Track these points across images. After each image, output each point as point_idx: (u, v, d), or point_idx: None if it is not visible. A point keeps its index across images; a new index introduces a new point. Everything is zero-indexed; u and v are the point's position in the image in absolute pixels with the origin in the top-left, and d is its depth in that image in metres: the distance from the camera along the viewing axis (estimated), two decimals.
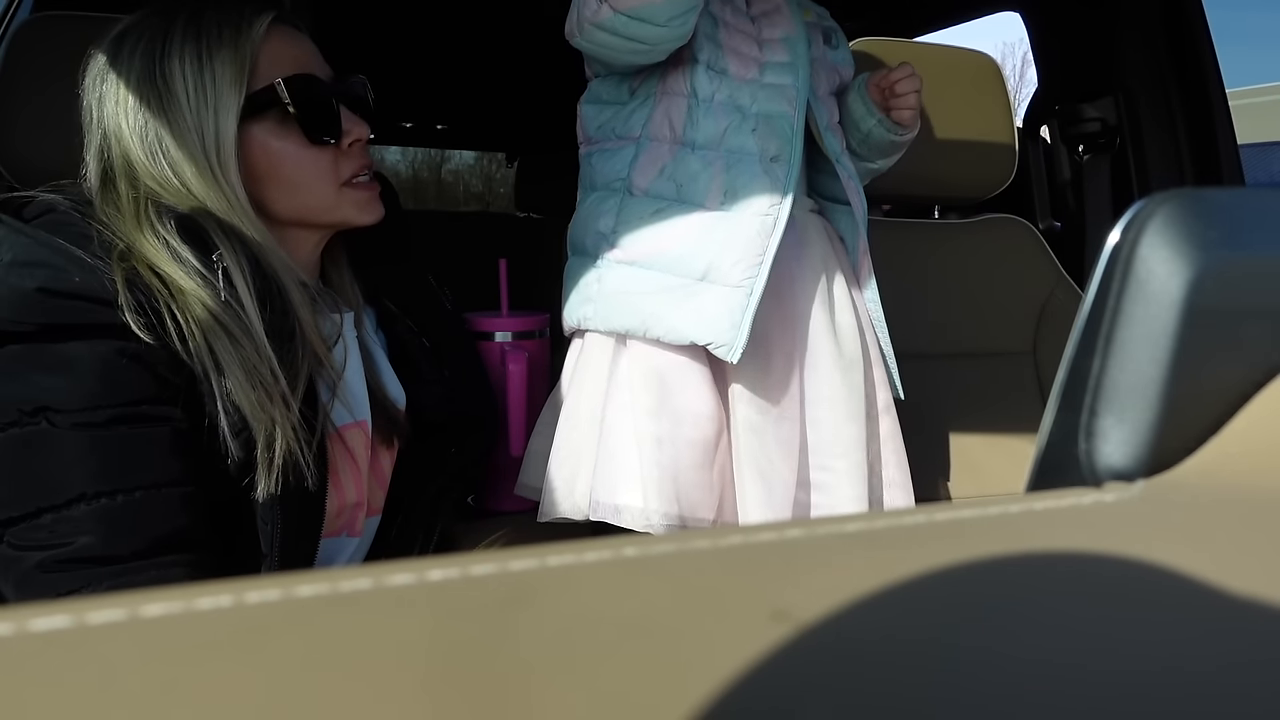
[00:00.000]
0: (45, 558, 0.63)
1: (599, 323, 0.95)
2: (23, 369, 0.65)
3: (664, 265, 0.93)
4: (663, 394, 0.92)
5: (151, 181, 0.75)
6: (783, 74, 0.98)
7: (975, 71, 1.49)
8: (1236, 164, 1.50)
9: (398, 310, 0.95)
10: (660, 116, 0.95)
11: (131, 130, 0.75)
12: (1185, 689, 0.16)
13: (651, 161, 0.95)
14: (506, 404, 1.08)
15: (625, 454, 0.92)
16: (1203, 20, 1.49)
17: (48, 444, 0.64)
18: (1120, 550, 0.20)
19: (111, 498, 0.65)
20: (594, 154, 1.01)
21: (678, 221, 0.93)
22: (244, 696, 0.14)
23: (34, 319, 0.65)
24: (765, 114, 0.96)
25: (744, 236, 0.92)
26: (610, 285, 0.95)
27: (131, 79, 0.76)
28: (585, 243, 0.99)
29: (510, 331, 1.11)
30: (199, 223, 0.74)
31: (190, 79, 0.76)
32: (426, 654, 0.15)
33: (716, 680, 0.15)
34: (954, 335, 1.42)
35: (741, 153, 0.94)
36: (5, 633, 0.14)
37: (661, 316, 0.92)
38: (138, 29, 0.77)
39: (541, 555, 0.18)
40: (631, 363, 0.95)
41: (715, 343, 0.90)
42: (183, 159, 0.75)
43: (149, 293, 0.69)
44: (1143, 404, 0.24)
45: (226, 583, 0.16)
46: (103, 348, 0.66)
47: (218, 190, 0.76)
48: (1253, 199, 0.27)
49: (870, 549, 0.20)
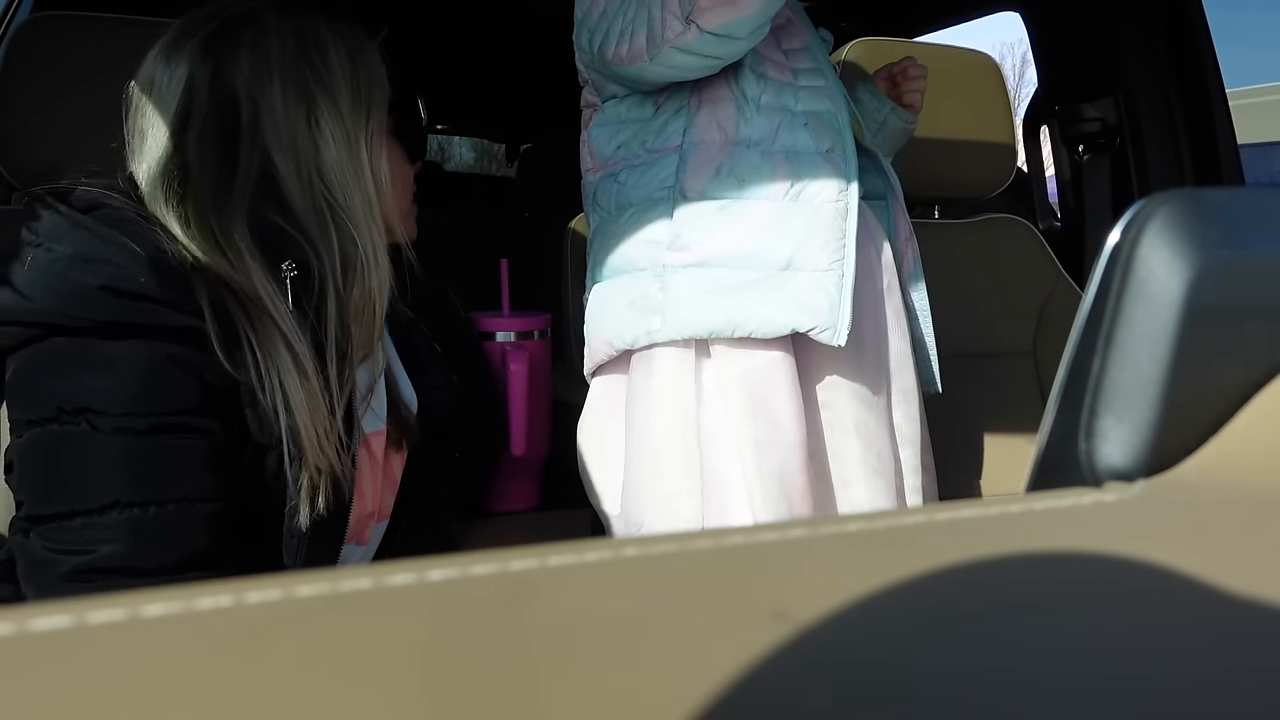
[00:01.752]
0: (74, 566, 0.62)
1: (671, 331, 0.90)
2: (70, 365, 0.64)
3: (740, 261, 0.89)
4: (757, 396, 0.89)
5: (275, 183, 0.73)
6: (814, 77, 0.99)
7: (975, 71, 1.49)
8: (1236, 164, 1.50)
9: (412, 314, 0.95)
10: (706, 121, 0.93)
11: (282, 133, 0.73)
12: (1185, 689, 0.16)
13: (704, 163, 0.92)
14: (508, 404, 1.08)
15: (729, 470, 0.88)
16: (1203, 20, 1.49)
17: (86, 446, 0.63)
18: (1120, 550, 0.20)
19: (144, 508, 0.64)
20: (622, 173, 0.97)
21: (748, 215, 0.90)
22: (244, 696, 0.14)
23: (91, 315, 0.64)
24: (812, 111, 0.96)
25: (823, 221, 0.90)
26: (680, 290, 0.90)
27: (289, 76, 0.74)
28: (632, 257, 0.94)
29: (513, 331, 1.11)
30: (282, 229, 0.73)
31: (346, 85, 0.75)
32: (426, 654, 0.15)
33: (716, 680, 0.15)
34: (954, 335, 1.42)
35: (796, 147, 0.94)
36: (5, 633, 0.14)
37: (752, 311, 0.88)
38: (265, 25, 0.75)
39: (541, 555, 0.18)
40: (718, 369, 0.90)
41: (818, 327, 0.87)
42: (332, 164, 0.74)
43: (213, 299, 0.68)
44: (1143, 404, 0.24)
45: (226, 583, 0.16)
46: (154, 352, 0.66)
47: (358, 197, 0.75)
48: (1253, 199, 0.27)
49: (870, 549, 0.20)
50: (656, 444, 0.91)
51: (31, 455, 0.64)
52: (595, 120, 1.01)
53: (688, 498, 0.89)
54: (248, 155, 0.73)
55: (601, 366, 0.98)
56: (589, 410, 1.00)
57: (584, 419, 1.01)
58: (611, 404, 0.98)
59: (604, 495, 0.98)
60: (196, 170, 0.72)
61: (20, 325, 0.64)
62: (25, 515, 0.65)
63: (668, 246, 0.91)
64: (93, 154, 1.01)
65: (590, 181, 1.02)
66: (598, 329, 0.96)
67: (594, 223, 1.02)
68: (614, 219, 0.98)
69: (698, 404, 0.90)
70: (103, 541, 0.63)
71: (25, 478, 0.65)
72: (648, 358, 0.93)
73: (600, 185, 1.00)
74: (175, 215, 0.71)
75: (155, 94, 0.74)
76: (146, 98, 0.74)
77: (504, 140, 3.77)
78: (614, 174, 0.98)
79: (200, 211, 0.71)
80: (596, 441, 0.99)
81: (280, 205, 0.74)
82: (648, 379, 0.93)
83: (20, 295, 0.64)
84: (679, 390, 0.91)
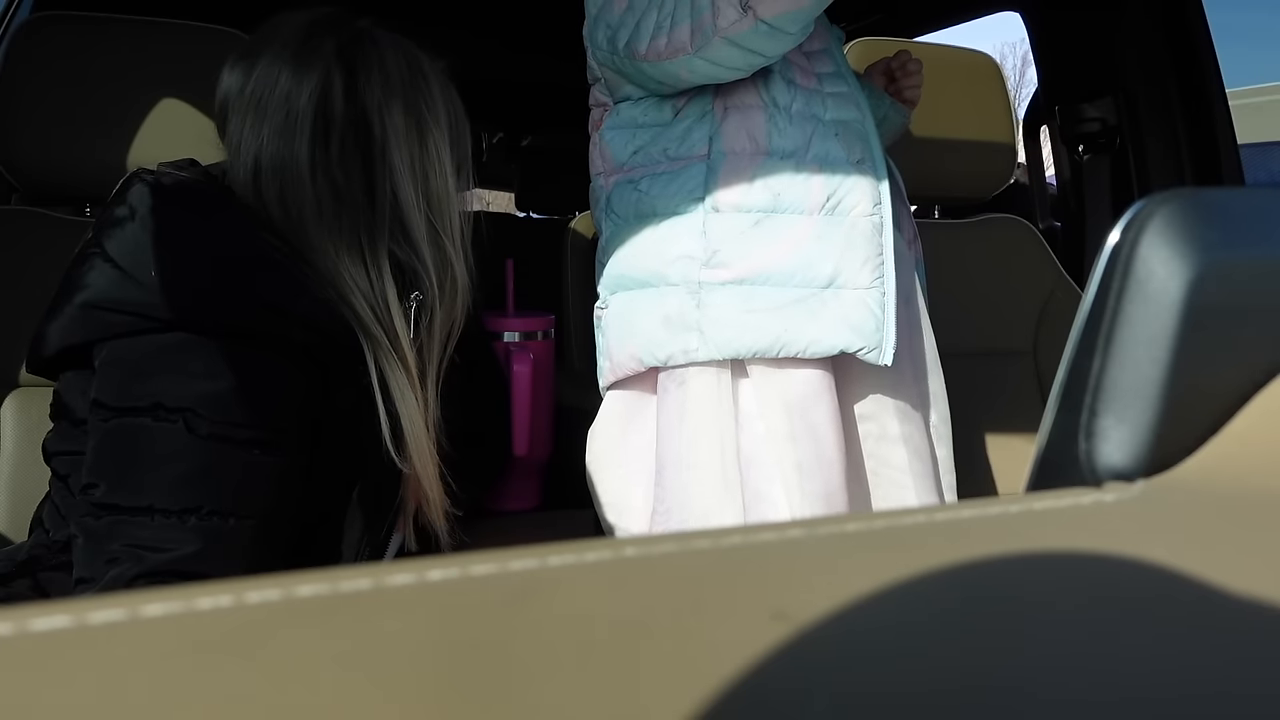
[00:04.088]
0: (141, 571, 0.61)
1: (712, 351, 0.87)
2: (183, 361, 0.63)
3: (781, 278, 0.87)
4: (798, 417, 0.87)
5: (397, 205, 0.73)
6: (838, 83, 0.98)
7: (975, 71, 1.49)
8: (1236, 164, 1.50)
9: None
10: (734, 130, 0.91)
11: (405, 156, 0.73)
12: (1185, 689, 0.16)
13: (736, 175, 0.89)
14: (511, 404, 1.08)
15: (773, 492, 0.86)
16: (1203, 20, 1.49)
17: (178, 446, 0.63)
18: (1120, 550, 0.20)
19: (225, 519, 0.63)
20: (643, 180, 0.94)
21: (784, 231, 0.88)
22: (244, 696, 0.14)
23: (221, 316, 0.63)
24: (841, 120, 0.95)
25: (862, 237, 0.89)
26: (719, 309, 0.87)
27: (408, 100, 0.74)
28: (660, 271, 0.91)
29: (518, 332, 1.11)
30: (408, 258, 0.73)
31: (444, 113, 0.76)
32: (426, 654, 0.15)
33: (716, 680, 0.15)
34: (954, 335, 1.42)
35: (829, 158, 0.92)
36: (5, 633, 0.14)
37: (799, 331, 0.86)
38: (384, 44, 0.75)
39: (541, 555, 0.18)
40: (756, 388, 0.88)
41: (866, 347, 0.87)
42: (438, 191, 0.75)
43: (332, 318, 0.68)
44: (1143, 404, 0.24)
45: (226, 583, 0.16)
46: (270, 364, 0.65)
47: (456, 223, 0.76)
48: (1253, 199, 0.27)
49: (870, 549, 0.20)
50: (695, 465, 0.89)
51: (118, 443, 0.63)
52: (609, 122, 0.98)
53: (731, 519, 0.88)
54: (381, 178, 0.73)
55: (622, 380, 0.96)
56: (603, 422, 0.98)
57: (597, 431, 0.98)
58: (630, 418, 0.96)
59: (618, 510, 0.96)
60: (344, 190, 0.71)
61: (142, 317, 0.63)
62: (99, 501, 0.63)
63: (703, 263, 0.89)
64: (92, 153, 1.02)
65: (602, 185, 0.99)
66: (623, 343, 0.93)
67: (607, 229, 0.98)
68: (633, 227, 0.94)
69: (735, 424, 0.89)
70: (178, 543, 0.62)
71: (105, 463, 0.63)
72: (680, 376, 0.90)
73: (616, 191, 0.96)
74: (328, 238, 0.70)
75: (288, 101, 0.71)
76: (272, 103, 0.71)
77: (504, 140, 3.78)
78: (633, 181, 0.95)
79: (354, 235, 0.71)
80: (611, 456, 0.96)
81: (403, 231, 0.74)
82: (681, 399, 0.90)
83: (140, 285, 0.63)
84: (717, 411, 0.89)
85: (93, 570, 0.63)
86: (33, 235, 1.00)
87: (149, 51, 1.03)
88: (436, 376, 0.76)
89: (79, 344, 0.66)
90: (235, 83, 0.73)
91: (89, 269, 0.65)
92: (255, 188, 0.72)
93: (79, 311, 0.65)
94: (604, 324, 0.97)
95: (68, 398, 0.69)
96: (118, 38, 1.02)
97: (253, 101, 0.72)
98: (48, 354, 0.67)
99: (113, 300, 0.64)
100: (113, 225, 0.66)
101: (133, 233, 0.65)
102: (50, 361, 0.68)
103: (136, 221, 0.65)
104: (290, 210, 0.71)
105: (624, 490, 0.95)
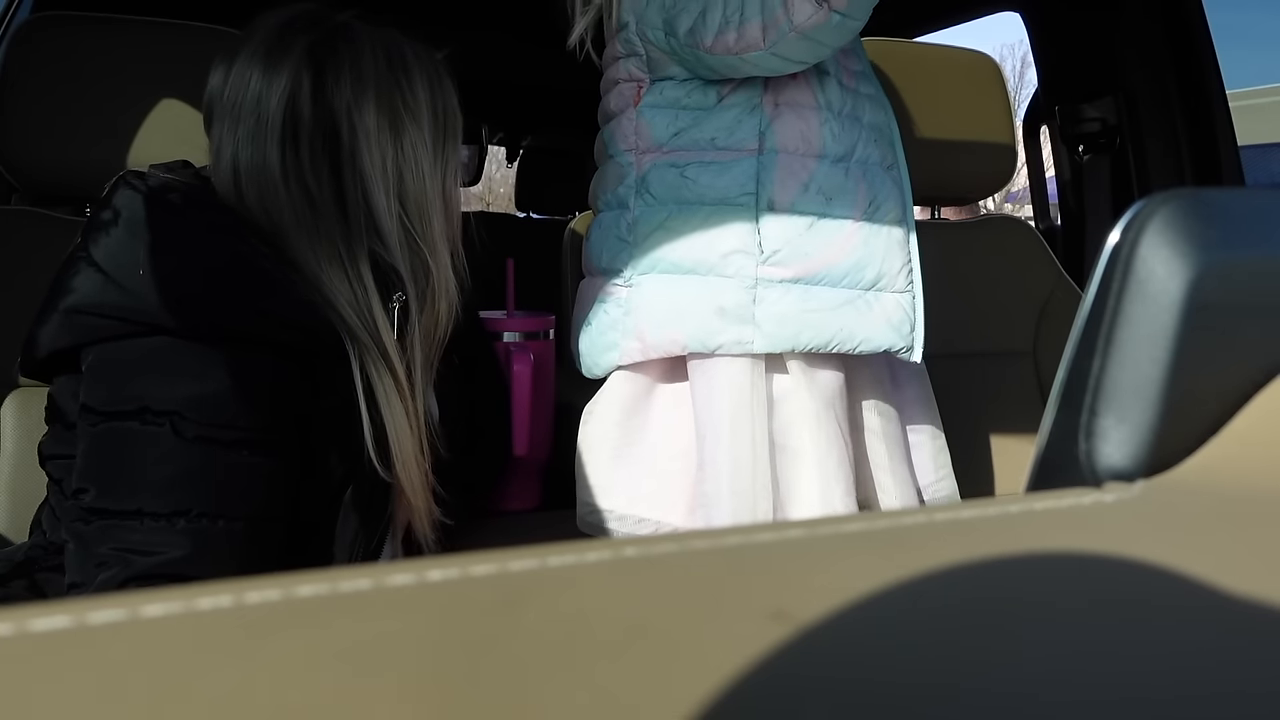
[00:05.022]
0: (131, 575, 0.61)
1: (767, 344, 0.90)
2: (169, 365, 0.63)
3: (833, 279, 0.92)
4: (824, 403, 0.93)
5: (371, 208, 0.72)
6: (868, 83, 0.99)
7: (975, 71, 1.49)
8: (1236, 164, 1.50)
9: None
10: (787, 129, 0.92)
11: (375, 158, 0.72)
12: (1185, 689, 0.16)
13: (790, 175, 0.91)
14: (511, 404, 1.08)
15: (808, 477, 0.92)
16: (1203, 20, 1.49)
17: (165, 449, 0.62)
18: (1120, 550, 0.20)
19: (214, 521, 0.63)
20: (690, 167, 0.93)
21: (836, 234, 0.92)
22: (244, 696, 0.14)
23: (206, 319, 0.63)
24: (875, 124, 0.97)
25: (896, 242, 0.95)
26: (778, 306, 0.90)
27: (381, 98, 0.73)
28: (709, 261, 0.91)
29: (518, 332, 1.11)
30: (388, 263, 0.73)
31: (428, 112, 0.75)
32: (426, 654, 0.15)
33: (717, 680, 0.15)
34: (954, 335, 1.42)
35: (869, 162, 0.95)
36: (5, 633, 0.14)
37: (853, 330, 0.92)
38: (360, 41, 0.74)
39: (541, 555, 0.18)
40: (792, 375, 0.94)
41: (905, 346, 0.94)
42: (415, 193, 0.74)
43: (318, 321, 0.67)
44: (1143, 404, 0.24)
45: (226, 583, 0.16)
46: (259, 367, 0.65)
47: (436, 225, 0.75)
48: (1253, 199, 0.27)
49: (870, 549, 0.20)
50: (734, 452, 0.91)
51: (106, 447, 0.63)
52: (648, 100, 0.95)
53: (765, 505, 0.91)
54: (352, 182, 0.72)
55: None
56: (605, 403, 0.97)
57: (596, 411, 0.97)
58: (635, 400, 0.96)
59: (606, 492, 0.96)
60: (317, 196, 0.71)
61: (126, 321, 0.63)
62: (89, 506, 0.63)
63: (761, 261, 0.91)
64: (92, 153, 1.02)
65: (631, 162, 0.96)
66: (664, 326, 0.92)
67: (637, 207, 0.95)
68: (675, 212, 0.93)
69: (771, 414, 0.94)
70: (167, 546, 0.62)
71: (94, 468, 0.64)
72: (712, 363, 0.92)
73: (654, 171, 0.94)
74: (308, 244, 0.70)
75: (259, 104, 0.71)
76: (244, 106, 0.71)
77: (503, 140, 3.77)
78: (677, 165, 0.93)
79: (331, 241, 0.71)
80: (607, 435, 0.96)
81: (377, 234, 0.73)
82: (718, 386, 0.92)
83: (124, 290, 0.63)
84: (753, 399, 0.92)
85: (84, 575, 0.63)
86: (32, 235, 1.00)
87: (149, 51, 1.03)
88: (424, 381, 0.75)
89: (67, 348, 0.66)
90: (216, 84, 0.73)
91: (75, 273, 0.65)
92: (237, 192, 0.71)
93: (64, 317, 0.65)
94: (629, 302, 0.95)
95: (60, 401, 0.69)
96: (118, 38, 1.02)
97: (229, 104, 0.72)
98: (39, 358, 0.67)
99: (97, 305, 0.64)
100: (98, 229, 0.66)
101: (117, 237, 0.65)
102: (42, 365, 0.68)
103: (121, 226, 0.65)
104: (271, 215, 0.71)
105: (609, 471, 0.96)
